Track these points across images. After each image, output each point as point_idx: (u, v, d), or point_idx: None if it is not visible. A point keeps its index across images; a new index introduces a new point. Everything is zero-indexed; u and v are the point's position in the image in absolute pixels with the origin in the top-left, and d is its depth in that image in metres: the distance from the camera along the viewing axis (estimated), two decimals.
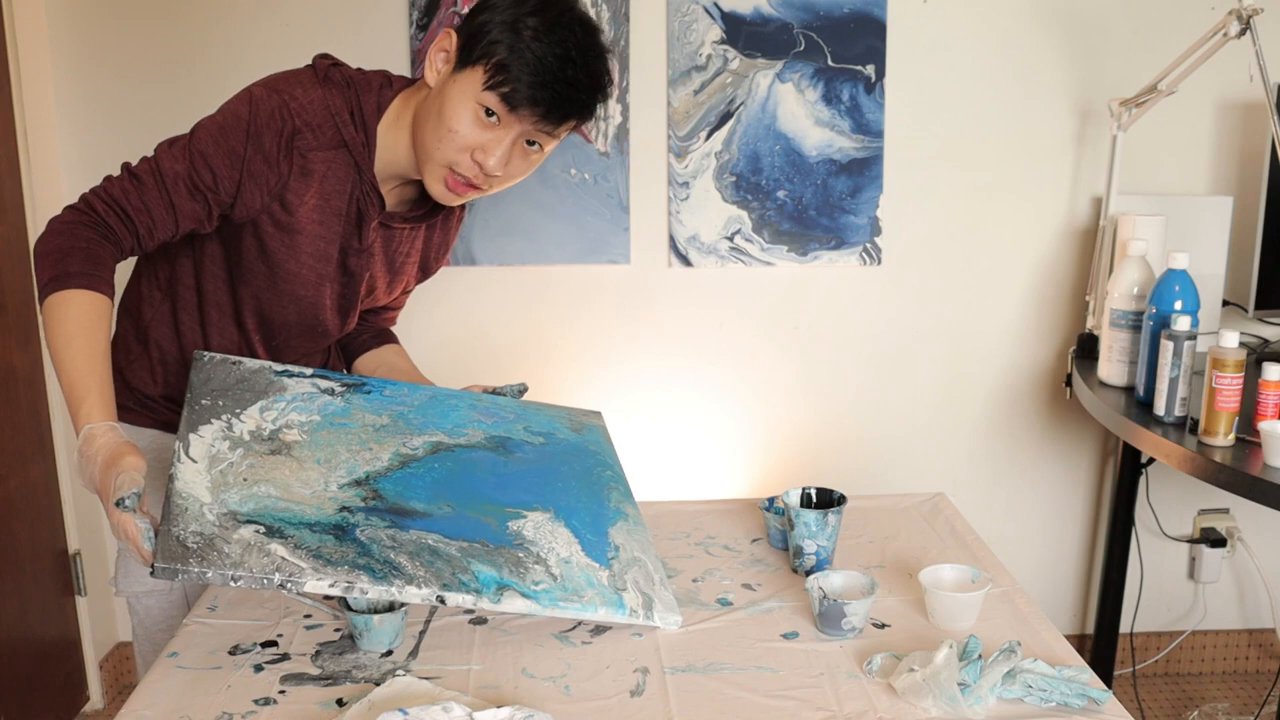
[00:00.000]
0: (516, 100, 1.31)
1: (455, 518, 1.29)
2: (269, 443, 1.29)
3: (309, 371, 1.42)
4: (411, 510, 1.27)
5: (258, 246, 1.42)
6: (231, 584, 1.13)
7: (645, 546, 1.39)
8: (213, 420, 1.29)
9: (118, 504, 1.12)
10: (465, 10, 1.42)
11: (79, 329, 1.24)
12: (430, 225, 1.57)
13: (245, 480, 1.23)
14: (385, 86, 1.43)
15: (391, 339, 1.75)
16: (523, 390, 1.59)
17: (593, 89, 1.36)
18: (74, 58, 2.23)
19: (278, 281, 1.45)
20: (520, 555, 1.27)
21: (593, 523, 1.38)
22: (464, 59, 1.33)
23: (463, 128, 1.34)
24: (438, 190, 1.40)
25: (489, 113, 1.33)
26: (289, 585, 1.13)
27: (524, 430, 1.48)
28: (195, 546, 1.13)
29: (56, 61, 2.24)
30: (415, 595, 1.18)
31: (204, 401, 1.31)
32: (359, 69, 1.46)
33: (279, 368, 1.40)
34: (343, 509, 1.24)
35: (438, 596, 1.19)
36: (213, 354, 1.39)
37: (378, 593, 1.16)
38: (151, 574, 1.11)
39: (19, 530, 2.18)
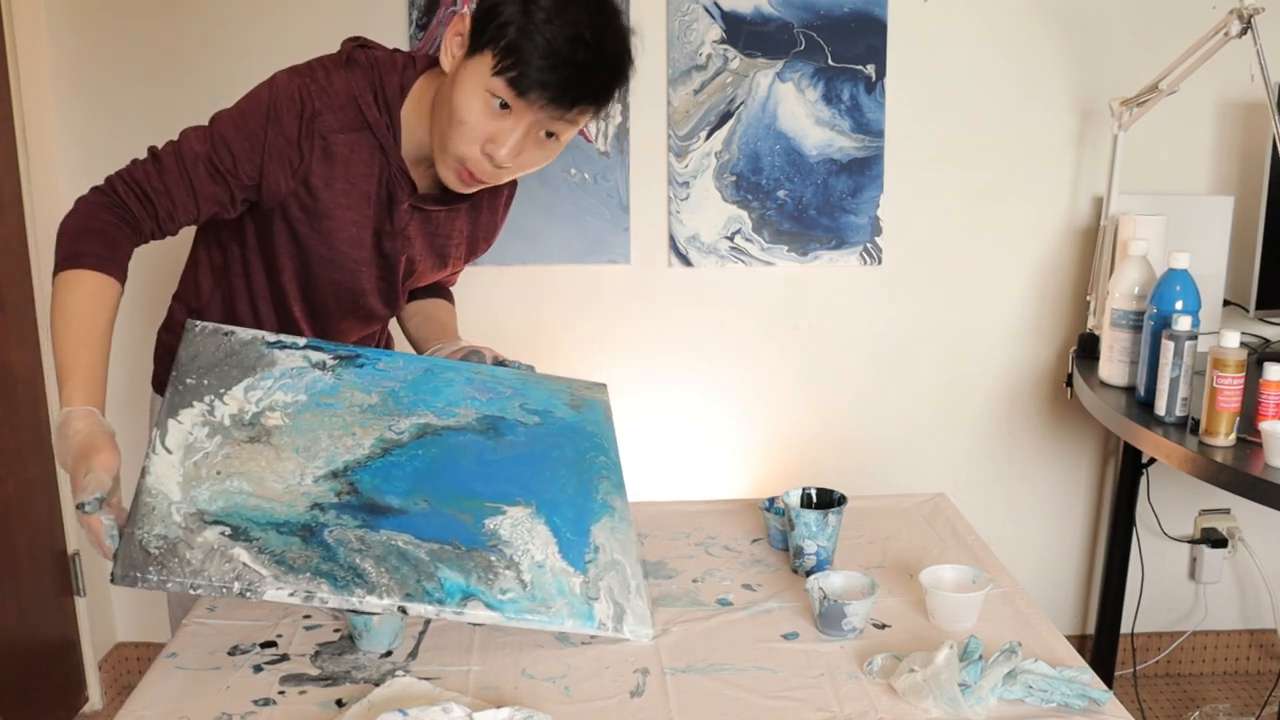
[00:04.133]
0: (525, 85, 1.27)
1: (430, 514, 1.25)
2: (249, 428, 1.25)
3: (302, 342, 1.35)
4: (385, 506, 1.24)
5: (288, 232, 1.41)
6: (191, 592, 1.12)
7: (626, 548, 1.33)
8: (194, 403, 1.24)
9: (78, 507, 1.10)
10: (465, 9, 1.39)
11: (79, 310, 1.24)
12: (475, 205, 1.54)
13: (219, 473, 1.20)
14: (409, 66, 1.41)
15: (443, 293, 1.71)
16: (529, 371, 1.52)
17: (608, 72, 1.29)
18: (73, 57, 2.23)
19: (311, 266, 1.44)
20: (492, 559, 1.24)
21: (575, 519, 1.33)
22: (475, 43, 1.30)
23: (472, 118, 1.30)
24: (450, 180, 1.38)
25: (501, 104, 1.29)
26: (248, 594, 1.12)
27: (519, 409, 1.42)
28: (157, 552, 1.12)
29: (55, 61, 2.24)
30: (376, 605, 1.16)
31: (189, 381, 1.26)
32: (393, 50, 1.43)
33: (272, 338, 1.33)
34: (314, 505, 1.21)
35: (399, 607, 1.17)
36: (205, 324, 1.32)
37: (338, 602, 1.15)
38: (112, 581, 1.10)
39: (18, 531, 2.17)
